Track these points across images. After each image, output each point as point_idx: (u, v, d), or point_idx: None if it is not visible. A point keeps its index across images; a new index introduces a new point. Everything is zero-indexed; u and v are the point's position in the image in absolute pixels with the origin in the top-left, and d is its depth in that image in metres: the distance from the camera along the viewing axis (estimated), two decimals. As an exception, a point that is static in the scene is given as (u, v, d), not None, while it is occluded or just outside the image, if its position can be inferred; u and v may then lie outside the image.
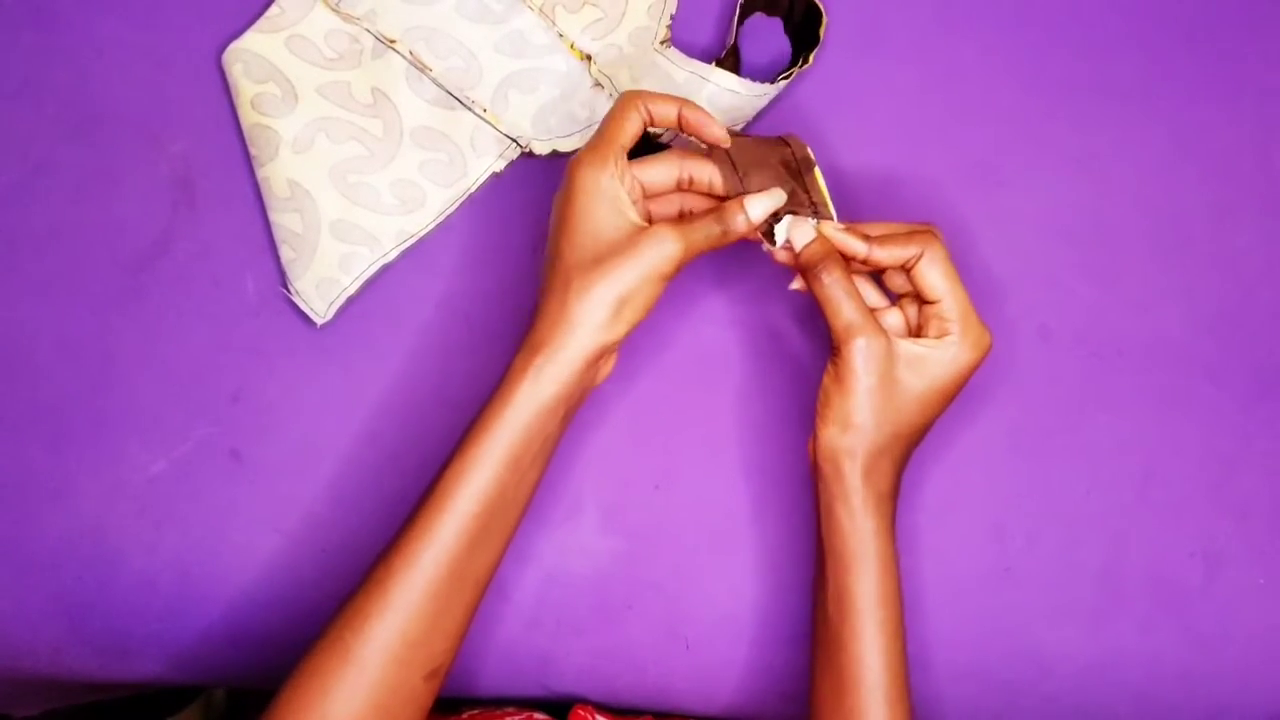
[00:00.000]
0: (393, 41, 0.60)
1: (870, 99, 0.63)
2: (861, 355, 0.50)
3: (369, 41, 0.61)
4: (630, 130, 0.51)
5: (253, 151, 0.60)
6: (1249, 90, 0.64)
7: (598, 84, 0.60)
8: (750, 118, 0.61)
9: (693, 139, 0.53)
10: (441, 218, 0.61)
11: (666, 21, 0.61)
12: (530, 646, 0.60)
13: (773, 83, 0.60)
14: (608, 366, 0.53)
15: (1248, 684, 0.61)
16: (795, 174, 0.54)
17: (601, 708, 0.61)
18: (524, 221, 0.62)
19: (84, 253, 0.61)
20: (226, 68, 0.61)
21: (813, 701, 0.54)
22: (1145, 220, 0.63)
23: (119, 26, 0.62)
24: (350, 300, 0.60)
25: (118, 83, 0.62)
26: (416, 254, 0.61)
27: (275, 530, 0.60)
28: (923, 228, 0.53)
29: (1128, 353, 0.62)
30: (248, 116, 0.60)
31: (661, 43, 0.61)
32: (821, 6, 0.60)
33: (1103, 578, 0.61)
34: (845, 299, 0.51)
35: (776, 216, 0.53)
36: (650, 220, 0.53)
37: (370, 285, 0.61)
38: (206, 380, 0.60)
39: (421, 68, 0.61)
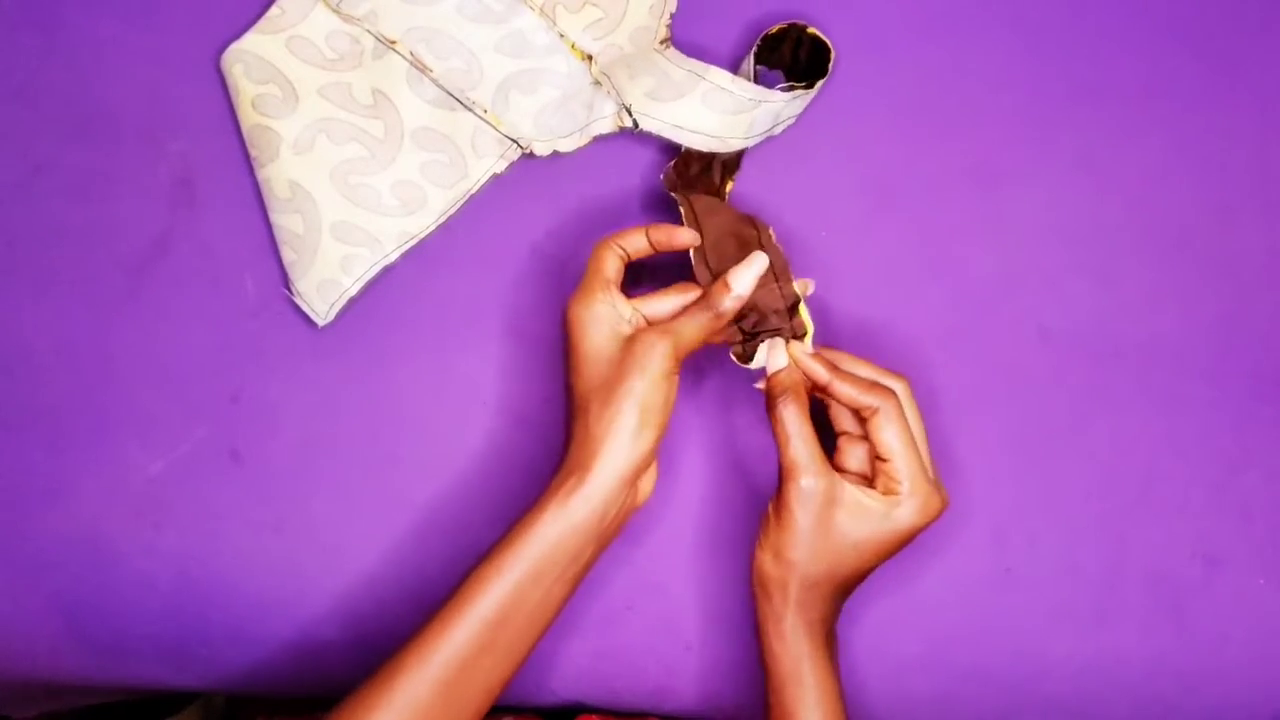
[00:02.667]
0: (393, 42, 0.60)
1: (870, 99, 0.63)
2: (800, 496, 0.52)
3: (370, 42, 0.61)
4: (611, 267, 0.54)
5: (253, 153, 0.60)
6: (1249, 91, 0.64)
7: (597, 82, 0.60)
8: (758, 132, 0.60)
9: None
10: (443, 219, 0.61)
11: (666, 20, 0.61)
12: (530, 647, 0.60)
13: (776, 90, 0.60)
14: (648, 485, 0.54)
15: (1248, 684, 0.61)
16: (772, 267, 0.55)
17: (605, 714, 0.61)
18: (524, 222, 0.62)
19: (84, 253, 0.61)
20: (227, 68, 0.61)
21: None
22: (1145, 221, 0.63)
23: (119, 26, 0.62)
24: (351, 301, 0.60)
25: (118, 83, 0.62)
26: (417, 255, 0.61)
27: (275, 530, 0.60)
28: (888, 383, 0.54)
29: (1127, 353, 0.62)
30: (248, 117, 0.60)
31: (661, 42, 0.61)
32: (829, 43, 0.60)
33: (1103, 578, 0.61)
34: (796, 436, 0.52)
35: (755, 335, 0.54)
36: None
37: (371, 286, 0.61)
38: (206, 380, 0.60)
39: (422, 69, 0.61)
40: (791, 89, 0.60)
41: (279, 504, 0.60)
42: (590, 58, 0.61)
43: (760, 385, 0.54)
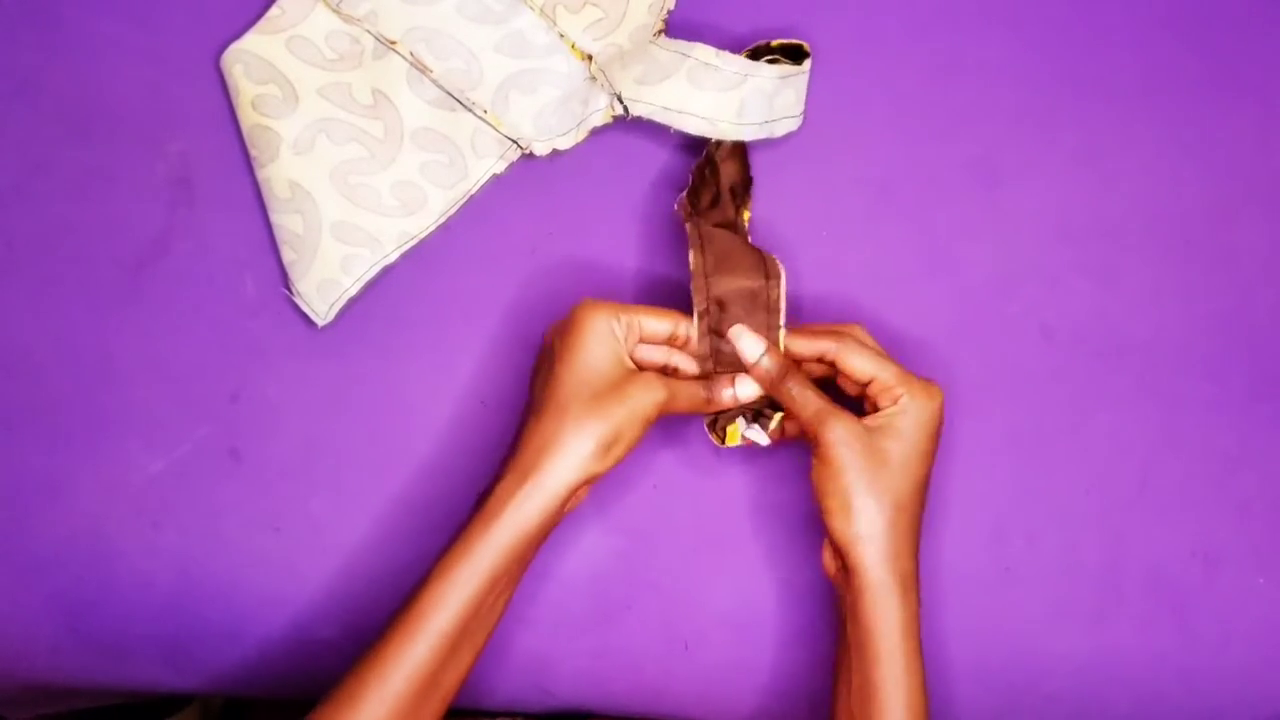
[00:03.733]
0: (393, 42, 0.60)
1: (870, 98, 0.63)
2: (839, 437, 0.53)
3: (370, 42, 0.61)
4: (650, 322, 0.55)
5: (253, 153, 0.60)
6: (1250, 89, 0.64)
7: (593, 77, 0.60)
8: (750, 120, 0.60)
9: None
10: (442, 219, 0.61)
11: (664, 16, 0.61)
12: (528, 647, 0.60)
13: (762, 63, 0.59)
14: (582, 495, 0.54)
15: (1248, 684, 0.61)
16: (761, 317, 0.56)
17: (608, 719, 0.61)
18: (524, 222, 0.62)
19: (84, 253, 0.61)
20: (227, 68, 0.61)
21: None
22: (1146, 219, 0.63)
23: (119, 26, 0.62)
24: (351, 301, 0.60)
25: (118, 83, 0.62)
26: (417, 255, 0.61)
27: (275, 530, 0.60)
28: (842, 326, 0.56)
29: (1128, 351, 0.62)
30: (248, 117, 0.60)
31: (656, 34, 0.61)
32: (803, 43, 0.60)
33: (1103, 578, 0.61)
34: (808, 396, 0.54)
35: (729, 416, 0.56)
36: (639, 366, 0.55)
37: (371, 286, 0.61)
38: (206, 380, 0.60)
39: (422, 69, 0.61)
40: (776, 63, 0.60)
41: (278, 503, 0.60)
42: (590, 57, 0.61)
43: (738, 328, 0.55)
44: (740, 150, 0.61)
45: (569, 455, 0.51)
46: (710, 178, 0.60)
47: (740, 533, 0.60)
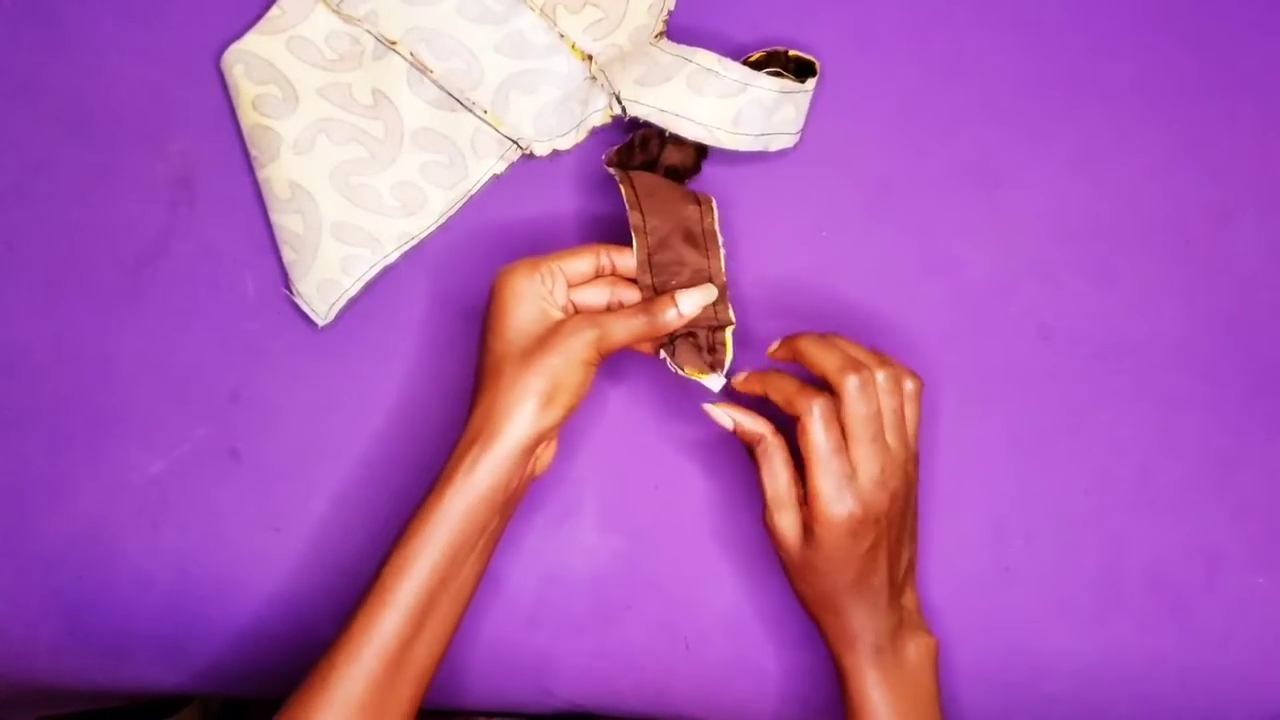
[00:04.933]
0: (393, 43, 0.61)
1: (870, 98, 0.63)
2: (773, 532, 0.53)
3: (370, 43, 0.61)
4: (574, 264, 0.54)
5: (253, 153, 0.60)
6: (1249, 90, 0.64)
7: (593, 77, 0.60)
8: (747, 130, 0.59)
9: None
10: (442, 219, 0.61)
11: (664, 17, 0.61)
12: (528, 647, 0.60)
13: (763, 74, 0.59)
14: (546, 455, 0.54)
15: (1248, 684, 0.61)
16: (699, 246, 0.56)
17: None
18: (524, 222, 0.62)
19: (84, 253, 0.61)
20: (227, 69, 0.61)
21: None
22: (1145, 220, 0.63)
23: (119, 26, 0.62)
24: (351, 301, 0.60)
25: (118, 83, 0.62)
26: (417, 255, 0.61)
27: (275, 530, 0.60)
28: (806, 396, 0.52)
29: (1126, 352, 0.62)
30: (248, 117, 0.60)
31: (656, 36, 0.61)
32: (814, 61, 0.60)
33: (1103, 578, 0.61)
34: (766, 475, 0.53)
35: (674, 341, 0.55)
36: (581, 311, 0.55)
37: (371, 286, 0.61)
38: (206, 380, 0.60)
39: (422, 69, 0.61)
40: (779, 75, 0.60)
41: (278, 503, 0.60)
42: (590, 58, 0.61)
43: (709, 407, 0.55)
44: (698, 147, 0.60)
45: (512, 415, 0.51)
46: (647, 148, 0.60)
47: (740, 533, 0.60)
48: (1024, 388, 0.62)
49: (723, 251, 0.57)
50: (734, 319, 0.56)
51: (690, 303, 0.54)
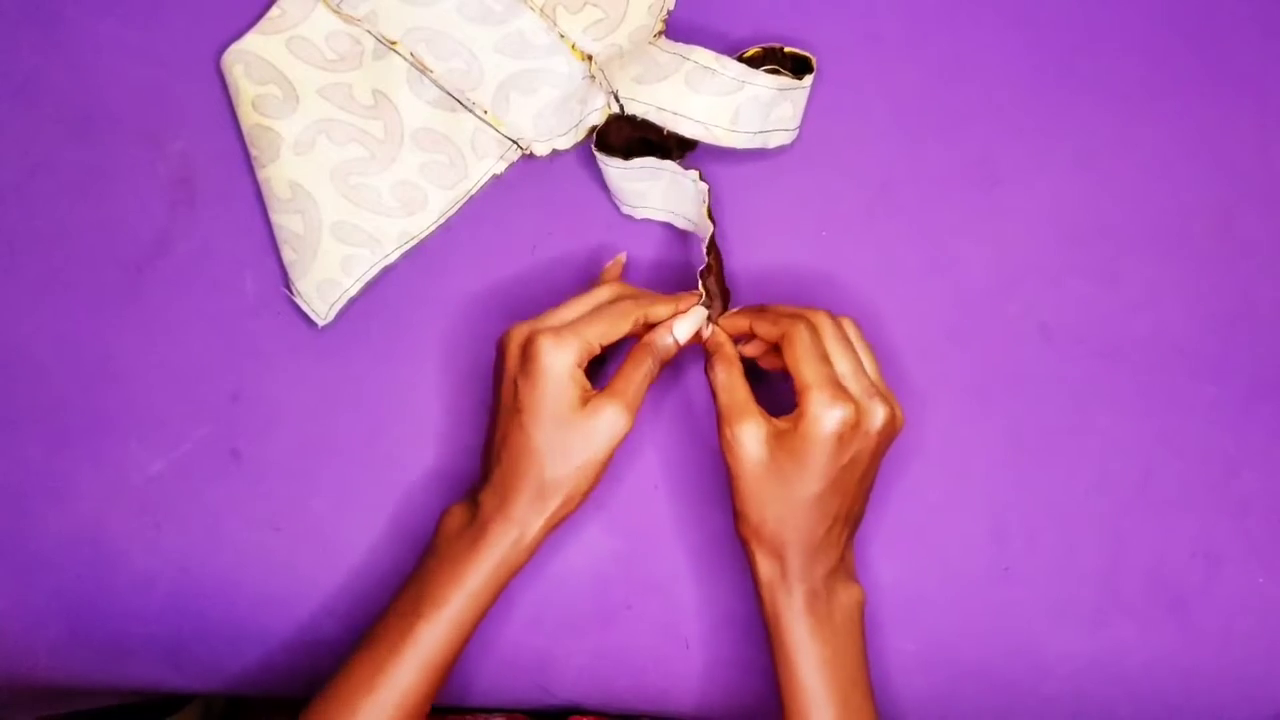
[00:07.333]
0: (394, 43, 0.61)
1: (870, 97, 0.63)
2: (728, 444, 0.52)
3: (370, 43, 0.61)
4: (599, 337, 0.53)
5: (254, 153, 0.60)
6: (1250, 88, 0.64)
7: (592, 77, 0.60)
8: (745, 128, 0.59)
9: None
10: (442, 219, 0.61)
11: (664, 17, 0.61)
12: (529, 647, 0.60)
13: (761, 71, 0.59)
14: None
15: (1248, 684, 0.61)
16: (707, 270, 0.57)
17: (600, 716, 0.61)
18: (524, 223, 0.62)
19: (84, 253, 0.61)
20: (227, 69, 0.61)
21: None
22: (1146, 219, 0.63)
23: (119, 26, 0.62)
24: (351, 301, 0.60)
25: (118, 83, 0.62)
26: (417, 255, 0.61)
27: (275, 529, 0.60)
28: (805, 311, 0.53)
29: (1128, 352, 0.62)
30: (248, 117, 0.60)
31: (656, 35, 0.61)
32: (810, 56, 0.60)
33: (1103, 578, 0.61)
34: (721, 389, 0.53)
35: None
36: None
37: (371, 286, 0.61)
38: (206, 380, 0.60)
39: (422, 69, 0.61)
40: (776, 72, 0.60)
41: (279, 503, 0.60)
42: (590, 58, 0.61)
43: (678, 320, 0.55)
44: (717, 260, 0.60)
45: (554, 502, 0.52)
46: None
47: (740, 533, 0.60)
48: (1025, 388, 0.62)
49: (720, 252, 0.56)
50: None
51: (685, 329, 0.55)
